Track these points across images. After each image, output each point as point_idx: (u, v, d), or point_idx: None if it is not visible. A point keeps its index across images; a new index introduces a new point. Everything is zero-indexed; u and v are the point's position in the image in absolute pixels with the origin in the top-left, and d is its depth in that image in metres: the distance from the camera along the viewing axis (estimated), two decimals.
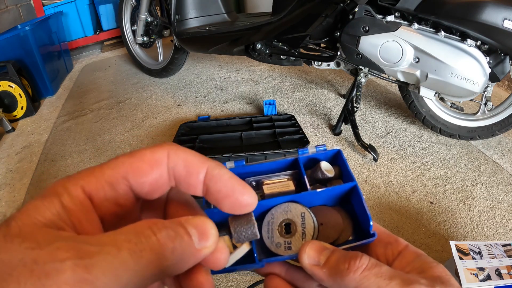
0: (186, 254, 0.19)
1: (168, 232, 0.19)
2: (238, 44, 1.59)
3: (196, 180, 0.22)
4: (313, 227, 0.28)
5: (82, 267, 0.15)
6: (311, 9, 1.38)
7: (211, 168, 0.22)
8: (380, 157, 1.41)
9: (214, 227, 0.21)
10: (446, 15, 1.17)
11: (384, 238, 0.28)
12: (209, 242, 0.21)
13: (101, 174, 0.20)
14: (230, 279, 0.97)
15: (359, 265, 0.24)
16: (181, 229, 0.20)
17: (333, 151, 0.31)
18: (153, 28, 2.05)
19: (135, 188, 0.21)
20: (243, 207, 0.22)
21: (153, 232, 0.18)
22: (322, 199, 0.30)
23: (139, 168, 0.21)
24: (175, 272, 0.19)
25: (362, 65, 1.39)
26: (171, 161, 0.21)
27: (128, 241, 0.17)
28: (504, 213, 1.14)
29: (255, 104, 1.86)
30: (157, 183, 0.21)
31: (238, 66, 2.35)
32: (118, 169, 0.21)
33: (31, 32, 1.98)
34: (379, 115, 1.70)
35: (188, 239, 0.20)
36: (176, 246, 0.19)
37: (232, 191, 0.22)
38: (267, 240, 0.29)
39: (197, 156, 0.22)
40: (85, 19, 2.83)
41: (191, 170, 0.22)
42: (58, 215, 0.18)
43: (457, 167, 1.35)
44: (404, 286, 0.22)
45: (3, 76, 1.86)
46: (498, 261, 0.85)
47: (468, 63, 1.21)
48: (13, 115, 1.95)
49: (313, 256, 0.26)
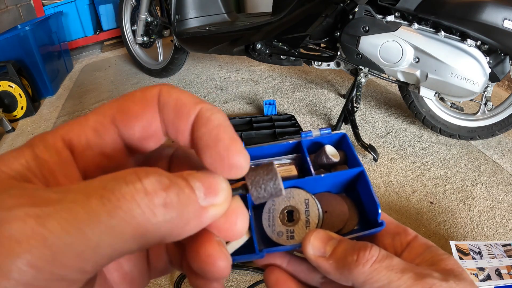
0: (186, 212, 0.15)
1: (161, 179, 0.14)
2: (238, 44, 1.59)
3: (185, 125, 0.17)
4: (318, 215, 0.26)
5: (34, 217, 0.12)
6: (311, 9, 1.38)
7: (204, 110, 0.17)
8: (380, 157, 1.41)
9: (226, 181, 0.17)
10: (446, 15, 1.17)
11: (392, 228, 0.26)
12: (218, 198, 0.16)
13: (85, 120, 0.17)
14: (230, 279, 0.97)
15: (369, 257, 0.22)
16: (180, 180, 0.15)
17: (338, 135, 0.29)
18: (153, 28, 2.05)
19: (124, 134, 0.17)
20: (228, 167, 0.17)
21: (138, 178, 0.14)
22: (326, 185, 0.28)
23: (127, 108, 0.17)
24: (172, 237, 0.15)
25: (362, 65, 1.39)
26: (162, 100, 0.17)
27: (103, 187, 0.13)
28: (504, 213, 1.14)
29: (255, 104, 1.86)
30: (150, 127, 0.17)
31: (238, 66, 2.35)
32: (105, 113, 0.17)
33: (31, 32, 1.98)
34: (379, 115, 1.70)
35: (189, 192, 0.15)
36: (170, 198, 0.14)
37: (215, 142, 0.16)
38: (268, 229, 0.27)
39: (192, 96, 0.17)
40: (85, 19, 2.83)
41: (181, 111, 0.17)
42: (27, 166, 0.15)
43: (457, 167, 1.35)
44: (417, 280, 0.21)
45: (3, 76, 1.86)
46: (498, 261, 0.85)
47: (468, 63, 1.21)
48: (13, 115, 1.95)
49: (318, 247, 0.23)
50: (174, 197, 0.14)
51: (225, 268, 0.17)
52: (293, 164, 0.29)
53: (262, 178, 0.19)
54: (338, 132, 0.29)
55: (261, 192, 0.19)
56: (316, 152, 0.29)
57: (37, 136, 0.16)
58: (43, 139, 0.16)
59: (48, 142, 0.16)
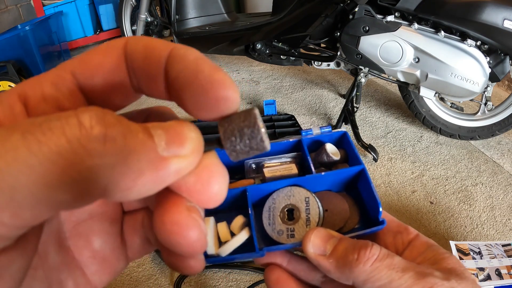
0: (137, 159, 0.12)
1: (105, 116, 0.12)
2: (238, 44, 1.59)
3: (157, 69, 0.14)
4: (318, 213, 0.26)
5: None
6: (311, 9, 1.38)
7: (177, 49, 0.14)
8: (380, 157, 1.41)
9: (196, 130, 0.14)
10: (446, 15, 1.18)
11: (394, 227, 0.26)
12: (185, 149, 0.13)
13: (44, 75, 0.15)
14: (230, 279, 0.97)
15: (370, 256, 0.22)
16: (135, 125, 0.13)
17: (338, 133, 0.29)
18: (153, 28, 2.05)
19: (85, 86, 0.15)
20: (214, 102, 0.14)
21: (75, 113, 0.11)
22: (327, 183, 0.28)
23: (88, 59, 0.15)
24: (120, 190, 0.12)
25: (362, 65, 1.39)
26: (130, 48, 0.15)
27: (31, 123, 0.11)
28: (504, 213, 1.14)
29: (255, 104, 1.86)
30: (113, 77, 0.15)
31: (238, 66, 2.35)
32: (65, 67, 0.15)
33: (31, 32, 1.98)
34: (379, 115, 1.70)
35: (144, 138, 0.12)
36: (113, 134, 0.11)
37: (194, 75, 0.14)
38: (268, 227, 0.26)
39: (163, 41, 0.15)
40: (85, 19, 2.83)
41: (151, 54, 0.14)
42: None
43: (457, 167, 1.35)
44: (418, 279, 0.21)
45: (3, 76, 1.86)
46: (498, 261, 0.85)
47: (468, 63, 1.21)
48: None
49: (318, 245, 0.23)
50: (119, 136, 0.12)
51: (197, 241, 0.14)
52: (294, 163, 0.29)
53: (238, 126, 0.15)
54: (339, 130, 0.29)
55: (237, 144, 0.15)
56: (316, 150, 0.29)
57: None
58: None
59: (1, 98, 0.14)
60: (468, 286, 0.22)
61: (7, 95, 0.14)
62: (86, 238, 0.18)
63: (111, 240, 0.19)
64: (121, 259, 0.19)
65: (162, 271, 1.00)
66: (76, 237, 0.18)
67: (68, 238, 0.18)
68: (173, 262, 0.16)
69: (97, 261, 0.18)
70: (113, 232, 0.19)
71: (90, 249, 0.18)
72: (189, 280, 0.97)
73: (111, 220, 0.19)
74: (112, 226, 0.19)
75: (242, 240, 0.24)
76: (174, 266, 0.16)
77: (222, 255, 0.25)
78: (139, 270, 1.01)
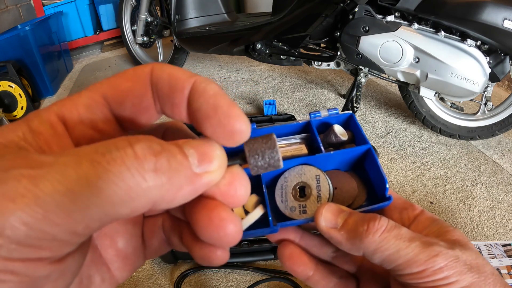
0: (178, 178, 0.15)
1: (152, 145, 0.15)
2: (238, 44, 1.59)
3: (180, 98, 0.17)
4: (329, 190, 0.27)
5: (28, 178, 0.12)
6: (311, 9, 1.38)
7: (198, 83, 0.17)
8: (380, 157, 1.41)
9: (220, 148, 0.17)
10: (446, 15, 1.17)
11: (399, 204, 0.27)
12: (213, 166, 0.16)
13: (78, 97, 0.17)
14: (230, 279, 0.97)
15: (378, 227, 0.23)
16: (173, 147, 0.15)
17: (345, 115, 0.30)
18: (153, 28, 2.05)
19: (115, 109, 0.18)
20: (230, 134, 0.17)
21: (129, 143, 0.14)
22: (335, 162, 0.29)
23: (118, 85, 0.17)
24: (164, 202, 0.15)
25: (362, 65, 1.39)
26: (155, 76, 0.17)
27: (95, 151, 0.14)
28: (504, 213, 1.14)
29: (255, 104, 1.86)
30: (140, 103, 0.17)
31: (238, 66, 2.35)
32: (96, 90, 0.17)
33: (31, 32, 1.98)
34: (379, 115, 1.70)
35: (182, 159, 0.15)
36: (161, 163, 0.14)
37: (214, 110, 0.16)
38: (281, 205, 0.27)
39: (184, 71, 0.17)
40: (85, 19, 2.83)
41: (175, 85, 0.17)
42: (23, 138, 0.15)
43: (457, 167, 1.35)
44: (424, 247, 0.22)
45: (3, 76, 1.86)
46: (498, 261, 0.85)
47: (468, 63, 1.21)
48: (13, 115, 1.95)
49: (330, 219, 0.24)
50: (165, 162, 0.14)
51: (236, 232, 0.17)
52: (303, 143, 0.29)
53: (260, 147, 0.19)
54: (345, 112, 0.30)
55: (259, 161, 0.19)
56: (324, 132, 0.30)
57: (31, 113, 0.17)
58: (37, 115, 0.17)
59: (42, 117, 0.16)
60: (472, 255, 0.23)
61: (46, 114, 0.17)
62: (111, 239, 0.21)
63: (133, 241, 0.21)
64: (140, 258, 0.22)
65: (162, 271, 1.00)
66: (103, 238, 0.20)
67: (96, 238, 0.20)
68: (205, 255, 0.19)
69: (120, 259, 0.20)
70: (135, 234, 0.21)
71: (115, 248, 0.20)
72: (189, 280, 0.97)
73: (133, 223, 0.22)
74: (135, 228, 0.22)
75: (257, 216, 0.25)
76: (205, 258, 0.19)
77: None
78: (139, 270, 1.01)
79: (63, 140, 0.17)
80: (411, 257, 0.22)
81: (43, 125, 0.16)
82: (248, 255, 0.99)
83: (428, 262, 0.22)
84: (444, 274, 0.21)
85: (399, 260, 0.22)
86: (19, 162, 0.13)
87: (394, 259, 0.22)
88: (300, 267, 0.28)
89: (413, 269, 0.22)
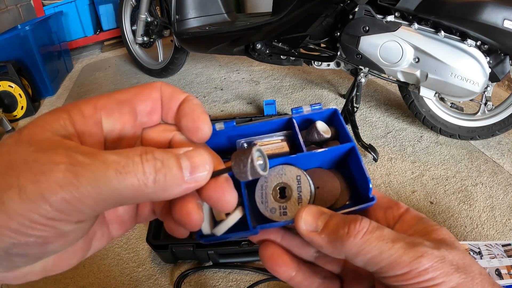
0: (171, 186, 0.20)
1: (156, 164, 0.20)
2: (238, 44, 1.59)
3: (174, 104, 0.24)
4: (310, 191, 0.26)
5: (72, 173, 0.18)
6: (311, 9, 1.38)
7: (189, 98, 0.24)
8: (380, 157, 1.41)
9: (210, 162, 0.22)
10: (446, 15, 1.17)
11: (384, 202, 0.27)
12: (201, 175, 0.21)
13: (111, 95, 0.23)
14: (230, 279, 0.97)
15: (360, 229, 0.22)
16: (172, 161, 0.20)
17: (329, 111, 0.29)
18: (153, 28, 2.05)
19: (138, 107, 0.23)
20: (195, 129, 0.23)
21: (141, 161, 0.19)
22: (318, 161, 0.28)
23: (142, 92, 0.24)
24: (158, 198, 0.21)
25: (362, 65, 1.39)
26: (163, 90, 0.24)
27: (118, 162, 0.19)
28: (504, 213, 1.14)
29: (255, 104, 1.86)
30: (155, 106, 0.24)
31: (238, 66, 2.35)
32: (126, 93, 0.23)
33: (31, 32, 1.98)
34: (379, 115, 1.70)
35: (177, 171, 0.20)
36: (159, 177, 0.20)
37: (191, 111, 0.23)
38: (261, 206, 0.27)
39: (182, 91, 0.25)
40: (85, 19, 2.83)
41: (174, 96, 0.24)
42: (65, 127, 0.20)
43: (457, 167, 1.35)
44: (408, 248, 0.21)
45: (3, 76, 1.86)
46: (498, 261, 0.85)
47: (468, 63, 1.21)
48: (13, 115, 1.95)
49: (310, 222, 0.24)
50: (161, 177, 0.20)
51: (197, 220, 0.23)
52: (285, 141, 0.29)
53: (240, 158, 0.22)
54: (329, 108, 0.29)
55: (241, 170, 0.22)
56: (307, 128, 0.29)
57: (70, 104, 0.22)
58: (76, 105, 0.21)
59: (81, 108, 0.21)
60: (459, 255, 0.22)
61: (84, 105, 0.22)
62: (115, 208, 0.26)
63: (130, 209, 0.26)
64: (133, 222, 0.27)
65: (162, 271, 1.00)
66: None
67: None
68: (172, 228, 0.25)
69: (118, 221, 0.26)
70: (132, 206, 0.26)
71: (115, 214, 0.26)
72: (189, 280, 0.97)
73: None
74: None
75: (235, 219, 0.25)
76: (172, 231, 0.25)
77: (217, 234, 0.25)
78: (139, 270, 1.01)
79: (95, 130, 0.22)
80: (395, 258, 0.21)
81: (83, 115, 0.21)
82: (248, 255, 0.99)
83: (412, 263, 0.21)
84: (429, 275, 0.21)
85: (382, 262, 0.22)
86: (66, 159, 0.18)
87: (377, 262, 0.22)
88: (281, 267, 0.27)
89: (397, 271, 0.21)
